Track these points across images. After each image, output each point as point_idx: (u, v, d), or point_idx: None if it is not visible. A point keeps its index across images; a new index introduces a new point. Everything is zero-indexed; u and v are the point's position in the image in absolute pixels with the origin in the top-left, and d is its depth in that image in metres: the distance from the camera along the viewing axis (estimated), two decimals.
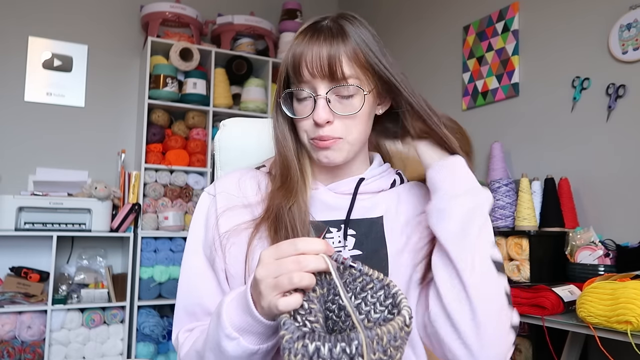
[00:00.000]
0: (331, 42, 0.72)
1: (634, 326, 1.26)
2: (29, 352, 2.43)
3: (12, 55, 2.89)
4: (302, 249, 0.56)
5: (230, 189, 0.81)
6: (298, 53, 0.73)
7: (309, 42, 0.73)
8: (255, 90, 3.15)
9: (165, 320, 2.83)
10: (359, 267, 0.59)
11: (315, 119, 0.72)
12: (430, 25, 2.93)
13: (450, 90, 2.73)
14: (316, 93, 0.72)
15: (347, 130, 0.74)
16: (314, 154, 0.76)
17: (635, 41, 1.87)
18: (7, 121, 2.85)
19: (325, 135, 0.73)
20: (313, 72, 0.72)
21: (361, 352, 0.48)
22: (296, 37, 0.76)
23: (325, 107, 0.72)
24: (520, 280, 1.83)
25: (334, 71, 0.71)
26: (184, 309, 0.78)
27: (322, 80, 0.72)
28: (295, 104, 0.76)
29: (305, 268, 0.55)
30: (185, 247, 0.81)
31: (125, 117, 3.14)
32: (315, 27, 0.75)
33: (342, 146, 0.75)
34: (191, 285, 0.78)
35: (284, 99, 0.77)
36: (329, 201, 0.79)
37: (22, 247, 2.73)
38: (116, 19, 3.18)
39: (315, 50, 0.72)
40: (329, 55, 0.71)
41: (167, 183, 2.93)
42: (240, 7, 3.42)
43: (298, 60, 0.73)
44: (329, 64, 0.71)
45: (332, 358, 0.48)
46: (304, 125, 0.76)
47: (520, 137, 2.32)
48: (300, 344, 0.49)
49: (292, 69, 0.74)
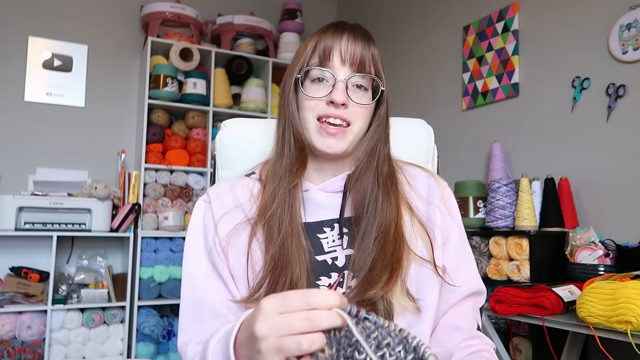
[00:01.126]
0: (363, 40, 0.78)
1: (634, 326, 1.26)
2: (29, 352, 2.43)
3: (12, 55, 2.89)
4: (315, 303, 0.47)
5: (224, 195, 0.82)
6: (331, 41, 0.78)
7: (339, 34, 0.78)
8: (255, 90, 3.15)
9: (165, 320, 2.83)
10: (373, 319, 0.50)
11: (334, 97, 0.75)
12: (431, 26, 2.93)
13: (450, 90, 2.73)
14: (336, 77, 0.76)
15: (356, 116, 0.77)
16: (318, 139, 0.77)
17: (635, 41, 1.87)
18: (7, 121, 2.85)
19: (337, 114, 0.76)
20: (345, 59, 0.77)
21: None
22: (322, 31, 0.80)
23: (344, 90, 0.76)
24: (520, 280, 1.83)
25: (363, 63, 0.77)
26: (191, 316, 0.77)
27: (350, 68, 0.77)
28: (308, 85, 0.78)
29: (317, 327, 0.47)
30: (184, 254, 0.81)
31: (125, 117, 3.14)
32: (340, 25, 0.80)
33: (347, 136, 0.78)
34: (195, 291, 0.78)
35: (296, 78, 0.80)
36: (321, 201, 0.80)
37: (22, 247, 2.73)
38: (116, 19, 3.18)
39: (349, 42, 0.77)
40: (362, 49, 0.78)
41: (167, 183, 2.93)
42: (240, 7, 3.42)
43: (330, 47, 0.77)
44: (361, 57, 0.77)
45: None
46: (313, 105, 0.77)
47: (520, 137, 2.32)
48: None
49: (323, 53, 0.77)
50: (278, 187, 0.78)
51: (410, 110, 2.96)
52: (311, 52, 0.78)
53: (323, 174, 0.83)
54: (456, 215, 0.84)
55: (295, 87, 0.80)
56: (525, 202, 1.97)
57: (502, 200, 2.05)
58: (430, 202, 0.82)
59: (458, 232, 0.82)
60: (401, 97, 3.05)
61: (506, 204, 2.04)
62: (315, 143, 0.78)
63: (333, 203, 0.80)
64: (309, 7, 3.61)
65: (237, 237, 0.76)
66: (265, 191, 0.79)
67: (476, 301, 0.81)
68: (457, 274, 0.79)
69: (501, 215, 2.04)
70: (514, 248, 1.88)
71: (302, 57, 0.79)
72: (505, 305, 1.61)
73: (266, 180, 0.81)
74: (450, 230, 0.81)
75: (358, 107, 0.77)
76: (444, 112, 2.75)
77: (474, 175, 2.50)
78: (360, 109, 0.78)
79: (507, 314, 1.61)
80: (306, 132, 0.79)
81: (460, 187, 2.26)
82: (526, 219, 1.95)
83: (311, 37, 0.81)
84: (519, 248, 1.87)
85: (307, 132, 0.78)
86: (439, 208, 0.81)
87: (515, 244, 1.88)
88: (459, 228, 0.83)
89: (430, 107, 2.87)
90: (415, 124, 1.02)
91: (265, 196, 0.78)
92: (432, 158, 1.00)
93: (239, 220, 0.78)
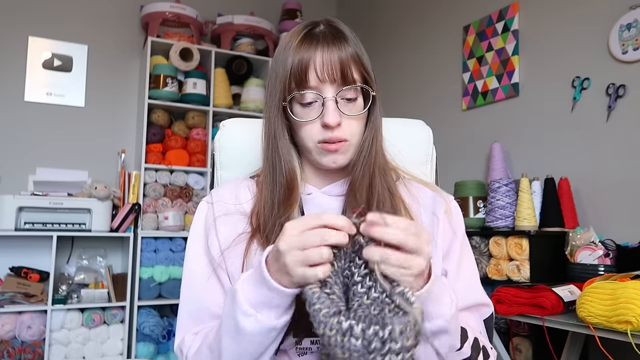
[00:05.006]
0: (337, 46, 0.73)
1: (634, 326, 1.26)
2: (29, 352, 2.43)
3: (12, 55, 2.89)
4: (327, 221, 0.57)
5: (227, 197, 0.82)
6: (304, 59, 0.73)
7: (312, 47, 0.73)
8: (255, 90, 3.16)
9: (165, 320, 2.83)
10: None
11: (327, 121, 0.72)
12: (431, 26, 2.93)
13: (450, 90, 2.73)
14: (323, 96, 0.73)
15: (352, 131, 0.76)
16: (321, 158, 0.77)
17: (635, 41, 1.87)
18: (7, 121, 2.85)
19: (335, 137, 0.74)
20: (323, 77, 0.72)
21: (395, 337, 0.49)
22: (291, 44, 0.75)
23: (335, 109, 0.73)
24: (520, 280, 1.83)
25: (345, 74, 0.73)
26: (189, 315, 0.77)
27: (331, 85, 0.73)
28: (297, 109, 0.76)
29: (326, 242, 0.56)
30: (186, 254, 0.81)
31: (125, 117, 3.14)
32: (311, 33, 0.75)
33: (348, 149, 0.77)
34: (195, 290, 0.77)
35: (284, 106, 0.76)
36: (323, 204, 0.80)
37: (22, 247, 2.73)
38: (116, 19, 3.18)
39: (323, 55, 0.72)
40: (339, 59, 0.72)
41: (167, 183, 2.93)
42: (240, 7, 3.42)
43: (305, 66, 0.73)
44: (341, 68, 0.72)
45: (364, 338, 0.49)
46: (309, 130, 0.75)
47: (520, 137, 2.32)
48: (336, 319, 0.51)
49: (299, 74, 0.73)
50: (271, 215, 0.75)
51: (410, 110, 2.96)
52: (289, 74, 0.74)
53: (324, 178, 0.83)
54: (460, 230, 0.82)
55: (285, 113, 0.77)
56: (525, 202, 1.97)
57: (502, 200, 2.05)
58: (433, 214, 0.81)
59: (459, 247, 0.81)
60: (401, 97, 3.05)
61: (506, 204, 2.04)
62: (320, 161, 0.77)
63: (335, 206, 0.80)
64: (309, 7, 3.61)
65: (237, 241, 0.76)
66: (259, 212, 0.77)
67: (478, 312, 0.80)
68: (453, 286, 0.76)
69: (501, 215, 2.04)
70: (514, 248, 1.88)
71: (281, 79, 0.75)
72: (505, 305, 1.61)
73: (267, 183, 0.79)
74: (451, 244, 0.80)
75: (352, 119, 0.76)
76: (444, 112, 2.75)
77: (474, 175, 2.50)
78: (354, 120, 0.76)
79: (507, 314, 1.61)
80: (307, 153, 0.78)
81: (460, 187, 2.26)
82: (526, 219, 1.95)
83: (285, 49, 0.75)
84: (519, 248, 1.87)
85: (309, 154, 0.78)
86: (442, 220, 0.80)
87: (515, 244, 1.88)
88: (461, 243, 0.81)
89: (430, 107, 2.87)
90: (414, 125, 1.02)
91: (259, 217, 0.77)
92: (431, 159, 1.00)
93: (239, 224, 0.78)
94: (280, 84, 0.76)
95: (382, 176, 0.79)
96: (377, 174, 0.78)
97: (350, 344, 0.50)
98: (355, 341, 0.50)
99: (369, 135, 0.79)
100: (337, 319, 0.51)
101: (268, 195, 0.77)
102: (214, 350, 0.66)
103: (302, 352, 0.71)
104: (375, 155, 0.79)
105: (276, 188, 0.77)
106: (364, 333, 0.50)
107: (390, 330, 0.49)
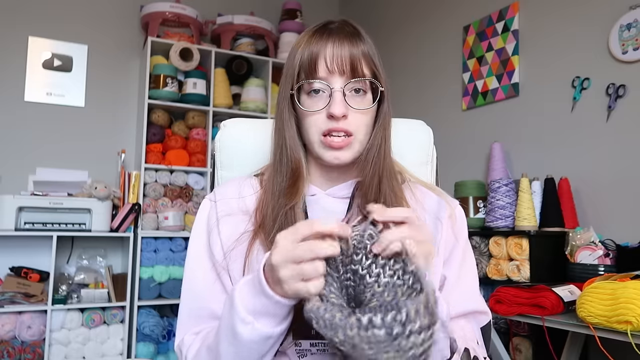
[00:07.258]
0: (350, 41, 0.74)
1: (634, 326, 1.26)
2: (29, 352, 2.43)
3: (12, 55, 2.89)
4: (318, 228, 0.57)
5: (230, 196, 0.81)
6: (315, 50, 0.74)
7: (326, 40, 0.74)
8: (255, 90, 3.15)
9: (165, 320, 2.83)
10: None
11: (333, 111, 0.73)
12: (431, 25, 2.93)
13: (450, 90, 2.73)
14: (331, 87, 0.74)
15: (358, 126, 0.75)
16: (323, 153, 0.76)
17: (635, 41, 1.87)
18: (7, 121, 2.85)
19: (339, 127, 0.74)
20: (332, 68, 0.73)
21: (412, 318, 0.50)
22: (306, 36, 0.76)
23: (342, 100, 0.73)
24: (520, 280, 1.83)
25: (354, 67, 0.74)
26: (189, 314, 0.77)
27: (340, 76, 0.74)
28: (304, 99, 0.76)
29: (319, 255, 0.56)
30: (188, 252, 0.80)
31: (125, 117, 3.14)
32: (327, 27, 0.77)
33: (353, 145, 0.76)
34: (196, 290, 0.77)
35: (292, 94, 0.77)
36: (328, 206, 0.80)
37: (22, 247, 2.72)
38: (116, 19, 3.17)
39: (335, 48, 0.74)
40: (350, 53, 0.74)
41: (167, 183, 2.93)
42: (240, 7, 3.42)
43: (315, 57, 0.74)
44: (351, 61, 0.74)
45: (385, 326, 0.50)
46: (314, 120, 0.75)
47: (520, 137, 2.32)
48: (353, 318, 0.51)
49: (308, 65, 0.74)
50: (276, 205, 0.76)
51: (411, 110, 2.96)
52: (299, 65, 0.75)
53: (329, 180, 0.82)
54: (462, 236, 0.82)
55: (292, 103, 0.78)
56: (525, 202, 1.97)
57: (502, 200, 2.05)
58: (437, 218, 0.80)
59: (461, 253, 0.80)
60: (401, 97, 3.05)
61: (506, 204, 2.04)
62: (322, 156, 0.76)
63: (339, 209, 0.79)
64: (309, 7, 3.61)
65: (239, 241, 0.76)
66: (264, 205, 0.77)
67: (475, 319, 0.79)
68: (452, 292, 0.77)
69: (501, 215, 2.04)
70: (514, 248, 1.88)
71: (291, 71, 0.77)
72: (505, 305, 1.61)
73: (270, 180, 0.79)
74: (453, 249, 0.80)
75: (359, 113, 0.75)
76: (444, 112, 2.75)
77: (474, 175, 2.50)
78: (362, 114, 0.75)
79: (507, 314, 1.61)
80: (311, 146, 0.78)
81: (460, 187, 2.26)
82: (526, 219, 1.95)
83: (298, 44, 0.77)
84: (519, 248, 1.87)
85: (312, 147, 0.77)
86: (445, 225, 0.80)
87: (515, 244, 1.88)
88: (463, 249, 0.81)
89: (430, 107, 2.87)
90: (415, 125, 1.01)
91: (263, 210, 0.77)
92: (431, 159, 1.00)
93: (242, 224, 0.77)
94: (291, 76, 0.77)
95: (390, 178, 0.78)
96: (385, 176, 0.77)
97: (374, 335, 0.50)
98: (379, 331, 0.50)
99: (379, 133, 0.79)
100: (354, 317, 0.51)
101: (275, 187, 0.77)
102: (213, 353, 0.66)
103: (302, 353, 0.71)
104: (385, 155, 0.78)
105: (282, 176, 0.78)
106: (383, 321, 0.50)
107: (407, 311, 0.50)
